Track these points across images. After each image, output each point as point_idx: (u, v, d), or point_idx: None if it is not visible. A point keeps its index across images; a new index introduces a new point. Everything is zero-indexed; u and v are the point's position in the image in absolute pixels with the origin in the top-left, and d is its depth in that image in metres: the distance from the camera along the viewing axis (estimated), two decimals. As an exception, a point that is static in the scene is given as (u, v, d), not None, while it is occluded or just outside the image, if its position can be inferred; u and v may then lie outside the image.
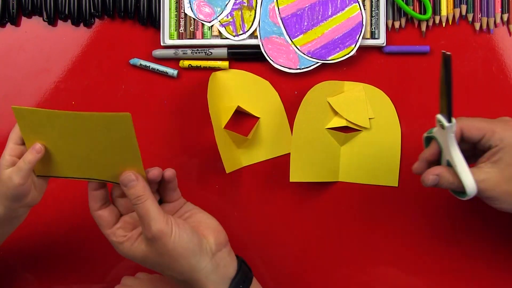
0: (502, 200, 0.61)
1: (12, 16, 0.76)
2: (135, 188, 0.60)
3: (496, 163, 0.61)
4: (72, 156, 0.61)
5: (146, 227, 0.58)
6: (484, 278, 0.77)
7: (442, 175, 0.63)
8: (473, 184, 0.60)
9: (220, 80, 0.76)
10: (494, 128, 0.62)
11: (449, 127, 0.60)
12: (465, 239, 0.77)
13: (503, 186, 0.60)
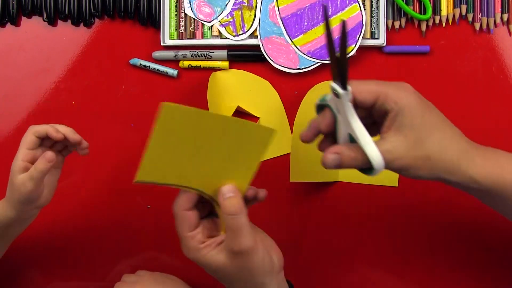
0: (415, 167, 0.56)
1: (12, 16, 0.76)
2: (232, 201, 0.59)
3: (398, 130, 0.55)
4: (187, 162, 0.58)
5: (236, 241, 0.58)
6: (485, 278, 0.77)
7: (343, 152, 0.56)
8: (379, 156, 0.54)
9: (220, 80, 0.76)
10: (386, 90, 0.56)
11: (345, 95, 0.54)
12: (466, 239, 0.77)
13: (411, 152, 0.55)
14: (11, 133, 0.77)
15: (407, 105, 0.55)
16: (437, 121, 0.57)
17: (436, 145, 0.56)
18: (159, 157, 0.57)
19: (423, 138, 0.55)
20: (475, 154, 0.57)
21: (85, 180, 0.77)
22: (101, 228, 0.78)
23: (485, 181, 0.57)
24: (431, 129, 0.56)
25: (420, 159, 0.56)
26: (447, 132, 0.57)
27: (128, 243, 0.78)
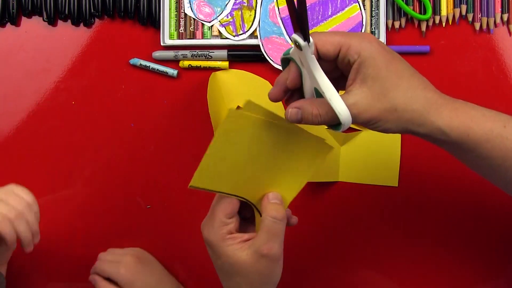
0: (383, 119, 0.54)
1: (12, 16, 0.76)
2: (278, 207, 0.60)
3: (362, 82, 0.53)
4: (240, 170, 0.58)
5: (269, 245, 0.58)
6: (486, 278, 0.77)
7: (304, 108, 0.54)
8: (345, 110, 0.52)
9: (220, 80, 0.76)
10: (349, 41, 0.54)
11: (306, 47, 0.51)
12: (467, 238, 0.77)
13: (377, 104, 0.53)
14: (11, 133, 0.77)
15: (370, 55, 0.53)
16: (402, 71, 0.55)
17: (402, 95, 0.54)
18: (215, 164, 0.57)
19: (389, 89, 0.53)
20: (443, 104, 0.55)
21: (85, 180, 0.77)
22: (101, 228, 0.78)
23: (453, 133, 0.55)
24: (397, 80, 0.54)
25: (387, 111, 0.54)
26: (413, 82, 0.55)
27: (128, 243, 0.78)
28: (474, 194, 0.76)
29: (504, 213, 0.69)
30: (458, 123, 0.55)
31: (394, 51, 0.56)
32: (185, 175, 0.77)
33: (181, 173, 0.77)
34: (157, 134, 0.77)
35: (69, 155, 0.77)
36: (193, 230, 0.78)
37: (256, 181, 0.60)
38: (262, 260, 0.59)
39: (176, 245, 0.78)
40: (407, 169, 0.75)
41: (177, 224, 0.78)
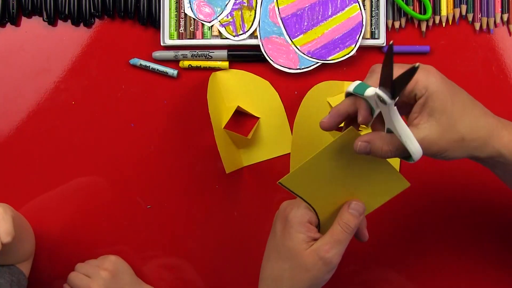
0: (452, 149, 0.56)
1: (12, 16, 0.76)
2: (354, 218, 0.61)
3: (430, 115, 0.56)
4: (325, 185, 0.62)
5: (328, 248, 0.60)
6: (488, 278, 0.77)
7: (374, 142, 0.57)
8: (419, 149, 0.54)
9: (220, 80, 0.76)
10: (416, 76, 0.55)
11: (392, 103, 0.53)
12: (466, 238, 0.77)
13: (446, 136, 0.56)
14: (11, 133, 0.77)
15: (437, 89, 0.55)
16: (465, 101, 0.57)
17: (468, 125, 0.56)
18: (309, 173, 0.60)
19: (455, 121, 0.56)
20: (503, 128, 0.58)
21: (85, 180, 0.77)
22: (101, 228, 0.78)
23: (510, 154, 0.57)
24: (462, 111, 0.56)
25: (455, 142, 0.56)
26: (476, 111, 0.57)
27: (128, 243, 0.78)
28: (476, 192, 0.76)
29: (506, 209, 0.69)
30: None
31: (453, 82, 0.58)
32: (185, 175, 0.77)
33: (181, 173, 0.77)
34: (157, 134, 0.77)
35: (69, 155, 0.77)
36: (193, 230, 0.78)
37: (331, 199, 0.62)
38: (319, 262, 0.60)
39: (176, 245, 0.78)
40: (407, 169, 0.75)
41: (177, 224, 0.78)
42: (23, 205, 0.77)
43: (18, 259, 0.71)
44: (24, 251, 0.72)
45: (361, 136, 0.58)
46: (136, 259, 0.78)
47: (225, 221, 0.78)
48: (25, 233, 0.72)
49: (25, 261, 0.73)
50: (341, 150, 0.60)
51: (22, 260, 0.72)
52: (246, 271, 0.77)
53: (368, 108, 0.57)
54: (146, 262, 0.78)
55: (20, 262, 0.71)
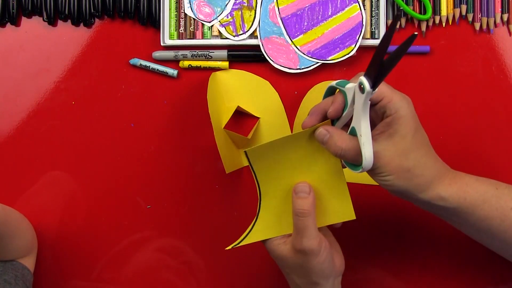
0: (396, 175, 0.58)
1: (12, 16, 0.76)
2: (304, 200, 0.62)
3: (390, 136, 0.58)
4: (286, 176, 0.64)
5: (298, 240, 0.61)
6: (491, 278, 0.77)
7: (333, 135, 0.59)
8: (370, 157, 0.56)
9: (220, 80, 0.76)
10: (392, 95, 0.58)
11: (369, 93, 0.54)
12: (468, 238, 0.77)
13: (397, 160, 0.58)
14: (11, 133, 0.77)
15: (405, 115, 0.58)
16: (423, 140, 0.60)
17: (419, 160, 0.59)
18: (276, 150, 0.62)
19: (410, 150, 0.58)
20: (446, 175, 0.61)
21: (85, 180, 0.78)
22: (101, 227, 0.78)
23: (451, 198, 0.60)
24: (419, 145, 0.59)
25: (402, 168, 0.58)
26: (430, 152, 0.60)
27: (128, 243, 0.78)
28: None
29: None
30: (456, 189, 0.60)
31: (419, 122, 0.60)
32: (185, 175, 0.77)
33: (181, 173, 0.77)
34: (157, 134, 0.77)
35: (69, 155, 0.77)
36: (193, 230, 0.78)
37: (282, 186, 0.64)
38: (298, 254, 0.61)
39: (176, 245, 0.78)
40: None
41: (177, 224, 0.78)
42: (23, 204, 0.77)
43: (16, 253, 0.71)
44: (20, 244, 0.71)
45: (325, 125, 0.60)
46: (136, 259, 0.78)
47: (225, 221, 0.78)
48: (18, 226, 0.72)
49: (26, 256, 0.72)
50: (312, 143, 0.61)
51: (21, 255, 0.72)
52: (246, 271, 0.77)
53: (342, 104, 0.59)
54: (146, 261, 0.78)
55: (20, 257, 0.71)
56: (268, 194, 0.64)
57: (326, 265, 0.62)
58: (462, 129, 0.76)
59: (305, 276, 0.63)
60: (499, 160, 0.76)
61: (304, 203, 0.61)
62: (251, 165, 0.62)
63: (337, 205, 0.64)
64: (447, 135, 0.76)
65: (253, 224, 0.65)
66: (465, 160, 0.76)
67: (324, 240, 0.62)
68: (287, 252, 0.63)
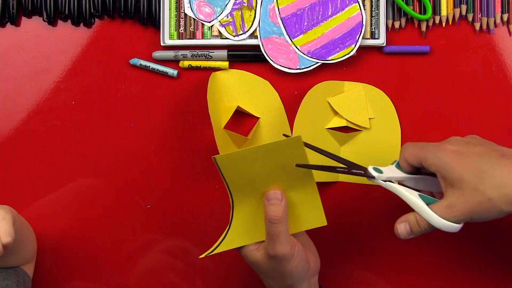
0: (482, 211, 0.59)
1: (12, 16, 0.76)
2: (276, 207, 0.62)
3: (452, 185, 0.59)
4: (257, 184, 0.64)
5: (271, 247, 0.62)
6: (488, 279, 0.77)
7: (410, 221, 0.62)
8: (439, 219, 0.59)
9: (220, 80, 0.76)
10: (425, 154, 0.61)
11: (375, 180, 0.62)
12: (467, 239, 0.77)
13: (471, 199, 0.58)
14: (11, 133, 0.77)
15: (444, 163, 0.59)
16: (481, 164, 0.59)
17: (490, 186, 0.58)
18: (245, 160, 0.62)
19: (477, 183, 0.58)
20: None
21: (84, 180, 0.77)
22: (100, 228, 0.78)
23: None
24: (479, 173, 0.58)
25: (483, 203, 0.58)
26: (496, 170, 0.58)
27: (128, 243, 0.78)
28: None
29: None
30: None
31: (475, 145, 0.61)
32: (185, 175, 0.77)
33: (181, 173, 0.77)
34: (157, 134, 0.77)
35: (69, 155, 0.77)
36: (193, 230, 0.78)
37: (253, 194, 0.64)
38: (272, 260, 0.62)
39: (176, 245, 0.78)
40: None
41: (177, 224, 0.78)
42: (23, 205, 0.77)
43: (22, 260, 0.71)
44: (27, 252, 0.72)
45: (402, 219, 0.63)
46: (136, 259, 0.78)
47: (225, 221, 0.78)
48: (26, 234, 0.72)
49: (28, 263, 0.73)
50: (283, 153, 0.62)
51: (25, 262, 0.72)
52: (246, 271, 0.77)
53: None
54: (146, 262, 0.78)
55: (24, 264, 0.71)
56: (240, 202, 0.64)
57: (300, 268, 0.63)
58: (462, 129, 0.76)
59: (280, 279, 0.64)
60: (499, 160, 0.76)
61: (277, 209, 0.62)
62: (221, 172, 0.63)
63: (309, 212, 0.65)
64: (447, 135, 0.76)
65: (226, 232, 0.65)
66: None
67: (296, 244, 0.63)
68: (261, 258, 0.64)
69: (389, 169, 0.64)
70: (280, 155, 0.62)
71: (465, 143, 0.61)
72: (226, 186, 0.64)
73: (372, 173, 0.63)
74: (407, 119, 0.76)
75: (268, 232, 0.62)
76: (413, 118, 0.76)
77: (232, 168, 0.62)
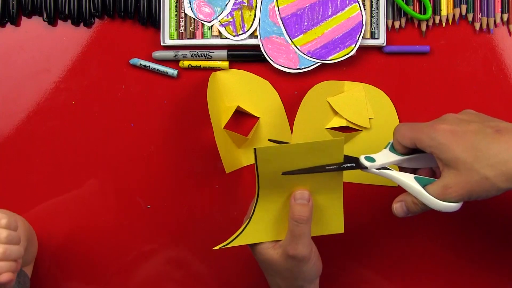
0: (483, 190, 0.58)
1: (12, 16, 0.76)
2: (303, 207, 0.62)
3: (447, 165, 0.58)
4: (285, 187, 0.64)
5: (292, 246, 0.61)
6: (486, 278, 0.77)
7: (407, 201, 0.62)
8: (436, 201, 0.59)
9: (220, 80, 0.76)
10: (419, 135, 0.60)
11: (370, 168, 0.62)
12: (464, 238, 0.77)
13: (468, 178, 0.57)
14: (11, 133, 0.77)
15: (439, 144, 0.58)
16: (476, 142, 0.58)
17: (486, 165, 0.57)
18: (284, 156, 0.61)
19: (472, 163, 0.57)
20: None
21: (85, 180, 0.77)
22: (100, 228, 0.78)
23: None
24: (475, 152, 0.57)
25: (479, 182, 0.57)
26: (492, 148, 0.57)
27: (128, 243, 0.78)
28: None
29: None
30: None
31: (469, 123, 0.60)
32: (185, 175, 0.77)
33: (181, 173, 0.77)
34: (157, 134, 0.77)
35: (69, 155, 0.77)
36: (193, 230, 0.78)
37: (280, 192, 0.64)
38: (290, 260, 0.62)
39: (176, 245, 0.78)
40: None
41: (177, 224, 0.78)
42: (22, 205, 0.77)
43: (23, 262, 0.71)
44: (30, 255, 0.72)
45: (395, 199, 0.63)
46: (136, 259, 0.78)
47: (225, 221, 0.78)
48: (30, 238, 0.72)
49: (28, 265, 0.73)
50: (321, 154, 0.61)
51: (27, 264, 0.72)
52: (247, 270, 0.77)
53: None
54: (146, 262, 0.78)
55: (25, 266, 0.71)
56: (266, 198, 0.64)
57: (314, 270, 0.64)
58: (462, 129, 0.76)
59: (291, 279, 0.64)
60: (499, 160, 0.76)
61: (304, 209, 0.62)
62: (256, 164, 0.61)
63: (330, 217, 0.65)
64: (447, 135, 0.76)
65: (245, 226, 0.65)
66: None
67: (314, 246, 0.63)
68: (277, 257, 0.63)
69: (383, 154, 0.63)
70: (318, 156, 0.61)
71: (459, 121, 0.60)
72: (257, 179, 0.63)
73: (365, 163, 0.62)
74: (407, 119, 0.76)
75: (292, 231, 0.61)
76: (413, 118, 0.76)
77: (268, 162, 0.61)
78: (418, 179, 0.61)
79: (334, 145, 0.60)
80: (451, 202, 0.59)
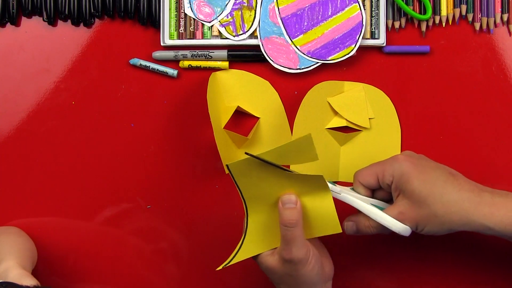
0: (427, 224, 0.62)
1: (12, 16, 0.76)
2: (291, 211, 0.62)
3: (403, 195, 0.62)
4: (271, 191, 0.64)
5: (287, 251, 0.61)
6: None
7: (359, 220, 0.65)
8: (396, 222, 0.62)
9: (220, 80, 0.76)
10: (382, 167, 0.64)
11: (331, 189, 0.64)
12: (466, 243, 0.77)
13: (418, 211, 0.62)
14: (11, 133, 0.77)
15: (401, 173, 0.62)
16: (435, 178, 0.62)
17: (438, 202, 0.61)
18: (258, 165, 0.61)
19: (425, 198, 0.61)
20: (481, 203, 0.61)
21: (84, 180, 0.77)
22: (100, 227, 0.78)
23: (498, 227, 0.61)
24: (431, 188, 0.61)
25: (428, 217, 0.61)
26: (447, 188, 0.62)
27: (128, 243, 0.78)
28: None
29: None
30: (500, 217, 0.61)
31: (428, 160, 0.65)
32: (185, 175, 0.77)
33: (181, 173, 0.77)
34: (157, 134, 0.77)
35: (69, 155, 0.77)
36: (193, 230, 0.78)
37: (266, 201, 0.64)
38: (287, 264, 0.62)
39: (176, 245, 0.78)
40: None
41: (177, 224, 0.78)
42: (22, 205, 0.77)
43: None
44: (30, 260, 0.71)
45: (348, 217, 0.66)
46: (136, 259, 0.78)
47: (225, 221, 0.78)
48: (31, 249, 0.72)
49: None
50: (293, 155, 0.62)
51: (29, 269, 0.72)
52: (246, 270, 0.77)
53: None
54: (146, 262, 0.78)
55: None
56: (255, 209, 0.64)
57: (314, 273, 0.63)
58: (462, 129, 0.76)
59: (294, 285, 0.63)
60: (499, 160, 0.76)
61: (292, 213, 0.61)
62: (234, 179, 0.62)
63: (323, 218, 0.64)
64: (447, 135, 0.76)
65: (242, 242, 0.65)
66: (465, 160, 0.76)
67: (311, 248, 0.63)
68: (276, 263, 0.63)
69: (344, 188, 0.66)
70: (291, 156, 0.61)
71: (418, 156, 0.65)
72: (240, 194, 0.63)
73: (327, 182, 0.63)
74: (407, 119, 0.76)
75: (283, 236, 0.61)
76: (413, 118, 0.76)
77: (245, 175, 0.62)
78: (373, 205, 0.65)
79: (304, 142, 0.60)
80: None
